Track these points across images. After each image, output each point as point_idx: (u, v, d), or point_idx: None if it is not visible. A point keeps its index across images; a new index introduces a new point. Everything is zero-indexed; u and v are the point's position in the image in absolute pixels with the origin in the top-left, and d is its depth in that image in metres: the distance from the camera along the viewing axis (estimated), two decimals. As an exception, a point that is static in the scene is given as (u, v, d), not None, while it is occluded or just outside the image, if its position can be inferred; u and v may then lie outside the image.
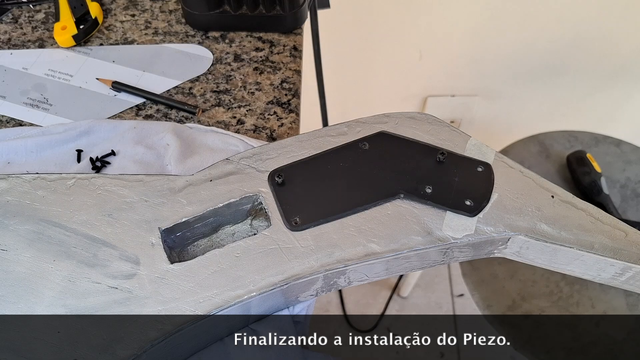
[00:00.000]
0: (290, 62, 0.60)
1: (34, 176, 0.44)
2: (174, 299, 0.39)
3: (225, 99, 0.57)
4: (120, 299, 0.39)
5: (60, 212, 0.43)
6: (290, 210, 0.41)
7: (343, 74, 1.12)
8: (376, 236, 0.40)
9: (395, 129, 0.44)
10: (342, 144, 0.44)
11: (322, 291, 0.43)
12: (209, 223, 0.43)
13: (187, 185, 0.43)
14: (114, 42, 0.62)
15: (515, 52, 1.09)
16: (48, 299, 0.39)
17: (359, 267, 0.40)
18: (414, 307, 1.45)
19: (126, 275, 0.40)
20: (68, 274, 0.40)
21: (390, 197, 0.41)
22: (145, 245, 0.41)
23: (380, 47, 1.11)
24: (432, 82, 1.17)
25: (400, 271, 0.43)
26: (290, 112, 0.56)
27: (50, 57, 0.61)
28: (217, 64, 0.60)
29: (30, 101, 0.57)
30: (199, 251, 0.43)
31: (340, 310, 1.42)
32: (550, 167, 0.97)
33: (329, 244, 0.40)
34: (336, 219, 0.41)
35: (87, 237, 0.41)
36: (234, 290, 0.39)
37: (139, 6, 0.65)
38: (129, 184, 0.44)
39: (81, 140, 0.53)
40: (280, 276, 0.39)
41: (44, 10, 0.65)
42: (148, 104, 0.57)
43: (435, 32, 1.08)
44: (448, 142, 0.43)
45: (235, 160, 0.44)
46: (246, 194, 0.43)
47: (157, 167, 0.50)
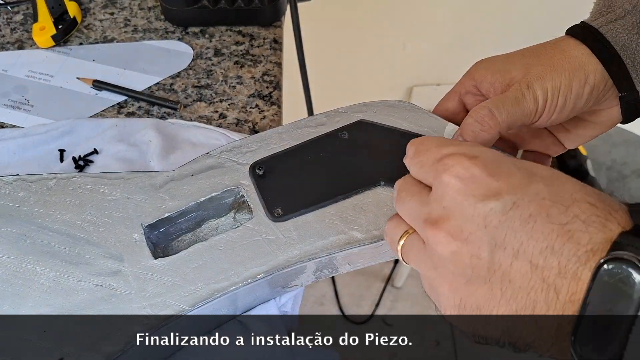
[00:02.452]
0: (271, 55, 0.60)
1: (15, 178, 0.44)
2: (158, 294, 0.39)
3: (207, 93, 0.57)
4: (105, 296, 0.39)
5: (43, 212, 0.43)
6: (272, 201, 0.41)
7: (328, 67, 1.12)
8: (358, 224, 0.40)
9: (373, 117, 0.44)
10: (322, 134, 0.44)
11: (308, 281, 0.43)
12: (192, 218, 0.43)
13: (168, 180, 0.43)
14: (94, 40, 0.62)
15: (498, 39, 1.10)
16: (33, 298, 0.39)
17: (343, 255, 0.40)
18: (408, 296, 1.46)
19: (110, 272, 0.40)
20: (52, 273, 0.40)
21: (371, 185, 0.42)
22: (129, 242, 0.41)
23: (364, 38, 1.11)
24: (417, 71, 1.17)
25: (385, 257, 0.43)
26: (272, 104, 0.56)
27: (30, 58, 0.61)
28: (198, 59, 0.60)
29: (11, 103, 0.57)
30: (183, 246, 0.43)
31: (335, 303, 1.43)
32: (536, 152, 0.97)
33: (312, 233, 0.40)
34: (318, 209, 0.41)
35: (70, 236, 0.42)
36: (219, 283, 0.39)
37: (118, 4, 0.65)
38: (110, 182, 0.44)
39: (63, 140, 0.53)
40: (264, 267, 0.39)
41: (22, 12, 0.64)
42: (129, 101, 0.57)
43: (419, 21, 1.08)
44: (426, 129, 0.44)
45: (215, 154, 0.44)
46: (228, 187, 0.43)
47: (139, 164, 0.50)
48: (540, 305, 0.26)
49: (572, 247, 0.25)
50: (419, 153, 0.32)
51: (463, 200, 0.28)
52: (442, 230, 0.28)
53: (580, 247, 0.25)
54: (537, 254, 0.26)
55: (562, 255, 0.25)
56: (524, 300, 0.26)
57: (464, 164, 0.28)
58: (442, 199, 0.29)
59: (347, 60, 1.17)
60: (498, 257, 0.26)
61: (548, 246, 0.25)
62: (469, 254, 0.27)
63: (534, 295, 0.26)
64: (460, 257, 0.27)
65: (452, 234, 0.28)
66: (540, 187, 0.27)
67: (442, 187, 0.29)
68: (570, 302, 0.25)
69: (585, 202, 0.26)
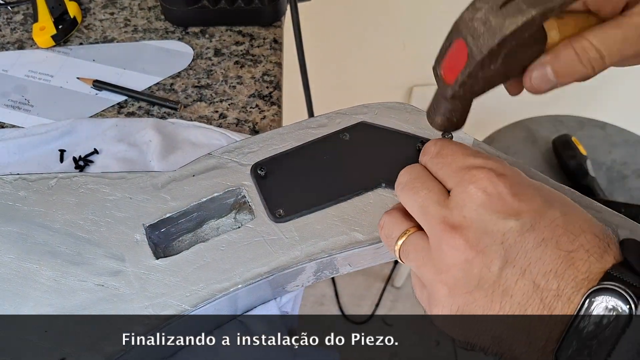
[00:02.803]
0: (271, 55, 0.60)
1: (15, 177, 0.44)
2: (160, 294, 0.39)
3: (207, 93, 0.57)
4: (106, 296, 0.39)
5: (43, 212, 0.42)
6: (273, 202, 0.41)
7: (328, 67, 1.12)
8: (359, 225, 0.40)
9: (374, 119, 0.44)
10: (323, 135, 0.44)
11: (308, 281, 0.43)
12: (193, 218, 0.43)
13: (170, 180, 0.43)
14: (94, 40, 0.62)
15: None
16: (34, 298, 0.39)
17: (344, 256, 0.40)
18: (408, 296, 1.46)
19: (112, 272, 0.40)
20: (53, 273, 0.40)
21: (372, 186, 0.42)
22: (130, 242, 0.41)
23: (364, 38, 1.11)
24: (417, 71, 1.17)
25: (386, 258, 0.43)
26: (272, 104, 0.56)
27: (30, 58, 0.61)
28: (198, 59, 0.60)
29: (11, 103, 0.57)
30: (184, 246, 0.43)
31: (335, 303, 1.43)
32: (536, 152, 0.97)
33: (313, 234, 0.40)
34: (319, 210, 0.41)
35: (71, 236, 0.42)
36: (220, 283, 0.39)
37: (118, 4, 0.65)
38: (111, 182, 0.44)
39: (63, 140, 0.53)
40: (265, 267, 0.39)
41: (22, 12, 0.64)
42: (130, 101, 0.56)
43: (419, 21, 1.08)
44: (427, 131, 0.44)
45: (217, 155, 0.44)
46: (229, 188, 0.43)
47: (140, 164, 0.50)
48: (535, 322, 0.27)
49: (572, 273, 0.27)
50: (443, 155, 0.32)
51: (486, 213, 0.28)
52: (461, 237, 0.29)
53: (579, 274, 0.27)
54: (541, 275, 0.27)
55: (563, 279, 0.27)
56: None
57: (492, 180, 0.29)
58: (464, 207, 0.29)
59: (347, 60, 1.17)
60: (506, 273, 0.28)
61: (552, 270, 0.27)
62: (480, 265, 0.28)
63: (530, 312, 0.27)
64: (470, 267, 0.28)
65: (470, 242, 0.28)
66: (557, 214, 0.28)
67: (466, 196, 0.29)
68: (560, 323, 0.27)
69: (591, 234, 0.28)
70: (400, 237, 0.33)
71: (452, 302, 0.29)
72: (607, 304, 0.25)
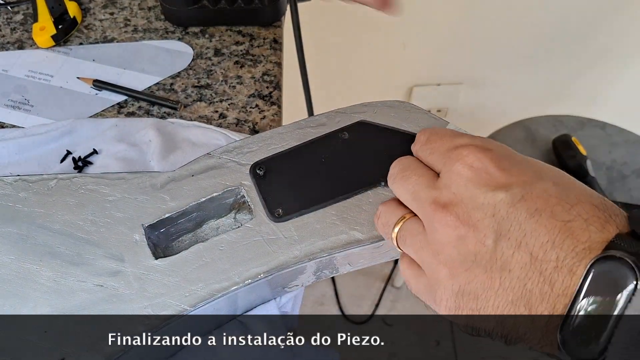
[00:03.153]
0: (271, 55, 0.60)
1: (15, 178, 0.44)
2: (160, 294, 0.39)
3: (207, 93, 0.57)
4: (106, 296, 0.39)
5: (43, 212, 0.43)
6: (272, 202, 0.41)
7: (328, 66, 1.12)
8: (359, 224, 0.40)
9: (374, 117, 0.44)
10: (322, 135, 0.44)
11: (308, 281, 0.43)
12: (193, 218, 0.43)
13: (169, 181, 0.43)
14: (94, 40, 0.62)
15: (498, 39, 1.10)
16: (33, 299, 0.39)
17: (343, 255, 0.40)
18: (408, 296, 1.46)
19: (111, 272, 0.40)
20: (53, 273, 0.40)
21: (372, 185, 0.42)
22: (129, 243, 0.41)
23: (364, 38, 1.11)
24: (417, 71, 1.17)
25: (386, 257, 0.43)
26: (272, 104, 0.56)
27: (30, 58, 0.61)
28: (198, 59, 0.60)
29: (11, 103, 0.57)
30: (184, 246, 0.43)
31: (335, 303, 1.43)
32: (536, 152, 0.97)
33: (312, 233, 0.40)
34: (318, 209, 0.41)
35: (70, 236, 0.42)
36: (219, 283, 0.39)
37: (118, 4, 0.65)
38: (111, 182, 0.44)
39: (63, 140, 0.53)
40: (265, 267, 0.39)
41: (22, 12, 0.64)
42: (130, 101, 0.57)
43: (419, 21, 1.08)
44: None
45: (216, 155, 0.44)
46: (228, 188, 0.43)
47: (140, 164, 0.50)
48: (535, 297, 0.26)
49: (571, 243, 0.26)
50: (432, 140, 0.32)
51: (474, 188, 0.28)
52: (451, 214, 0.28)
53: (579, 244, 0.26)
54: (538, 246, 0.26)
55: (562, 250, 0.26)
56: (520, 290, 0.27)
57: (477, 155, 0.29)
58: (452, 185, 0.29)
59: (347, 60, 1.17)
60: (501, 246, 0.27)
61: (549, 240, 0.26)
62: (474, 240, 0.28)
63: (530, 286, 0.26)
64: (465, 242, 0.28)
65: (460, 218, 0.28)
66: (549, 185, 0.28)
67: (453, 175, 0.29)
68: (563, 296, 0.26)
69: (589, 204, 0.27)
70: (396, 224, 0.33)
71: (453, 282, 0.28)
72: (612, 274, 0.24)
